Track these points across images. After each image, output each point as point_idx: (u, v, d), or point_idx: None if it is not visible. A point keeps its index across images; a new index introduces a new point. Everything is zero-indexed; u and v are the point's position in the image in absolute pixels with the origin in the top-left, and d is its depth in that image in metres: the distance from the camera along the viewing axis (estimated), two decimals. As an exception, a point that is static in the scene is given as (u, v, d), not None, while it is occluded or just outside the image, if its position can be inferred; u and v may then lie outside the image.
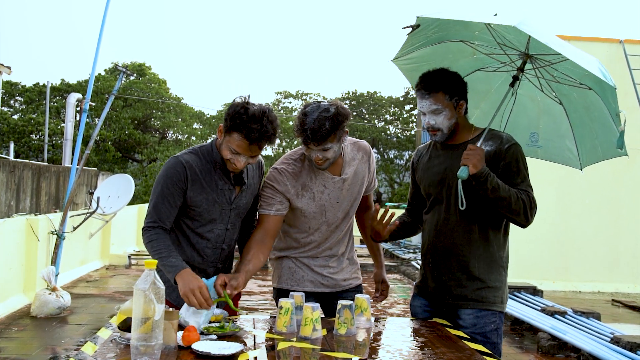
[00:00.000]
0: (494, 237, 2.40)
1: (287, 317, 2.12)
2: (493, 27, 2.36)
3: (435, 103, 2.35)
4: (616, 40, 8.91)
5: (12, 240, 6.21)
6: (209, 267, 2.46)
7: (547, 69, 2.47)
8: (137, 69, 25.72)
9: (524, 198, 2.28)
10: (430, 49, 2.60)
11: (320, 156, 2.38)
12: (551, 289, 8.68)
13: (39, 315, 5.90)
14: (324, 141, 2.32)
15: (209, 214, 2.38)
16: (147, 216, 2.34)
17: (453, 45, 2.58)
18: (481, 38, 2.49)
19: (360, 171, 2.62)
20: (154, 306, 1.72)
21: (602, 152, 2.56)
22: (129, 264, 9.70)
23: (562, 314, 5.97)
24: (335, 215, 2.58)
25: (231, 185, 2.39)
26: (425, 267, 2.53)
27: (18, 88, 26.25)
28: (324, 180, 2.52)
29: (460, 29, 2.46)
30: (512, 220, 2.35)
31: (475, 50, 2.58)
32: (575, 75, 2.41)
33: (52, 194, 12.77)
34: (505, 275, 2.45)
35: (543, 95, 2.61)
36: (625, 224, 8.93)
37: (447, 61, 2.62)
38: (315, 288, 2.62)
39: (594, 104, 2.44)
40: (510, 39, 2.40)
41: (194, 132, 26.38)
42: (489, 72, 2.67)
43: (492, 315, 2.39)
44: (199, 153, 2.38)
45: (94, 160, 22.59)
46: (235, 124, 2.20)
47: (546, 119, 2.67)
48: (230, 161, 2.28)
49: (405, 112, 29.65)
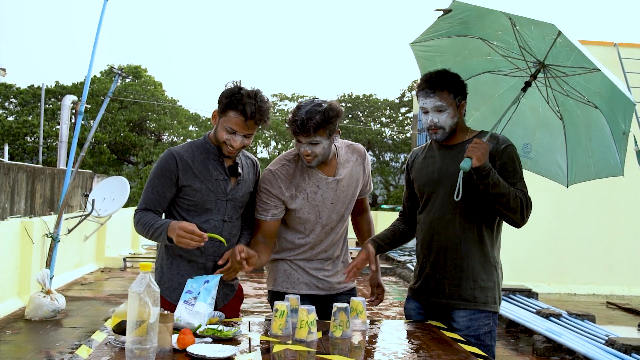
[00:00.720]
0: (487, 236, 2.42)
1: (283, 320, 2.12)
2: (518, 29, 2.33)
3: (440, 100, 2.37)
4: (610, 44, 8.96)
5: (6, 243, 6.18)
6: (208, 261, 2.46)
7: (558, 80, 2.47)
8: (132, 71, 25.67)
9: (521, 197, 2.31)
10: (449, 40, 2.58)
11: (309, 150, 2.39)
12: (546, 291, 8.71)
13: (33, 318, 5.87)
14: (314, 133, 2.35)
15: (204, 203, 2.40)
16: (138, 205, 2.43)
17: (471, 42, 2.56)
18: (502, 39, 2.47)
19: (355, 173, 2.63)
20: (149, 309, 1.71)
21: (594, 172, 2.58)
22: (124, 266, 9.68)
23: (557, 316, 5.99)
24: (329, 217, 2.58)
25: (226, 175, 2.43)
26: (420, 265, 2.54)
27: (13, 90, 26.15)
28: (317, 181, 2.53)
29: (486, 24, 2.43)
30: (508, 219, 2.36)
31: (492, 50, 2.56)
32: (584, 92, 2.42)
33: (47, 196, 12.73)
34: (498, 276, 2.46)
35: (546, 107, 2.61)
36: (621, 226, 8.96)
37: (460, 57, 2.62)
38: (310, 291, 2.62)
39: (596, 123, 2.46)
40: (532, 45, 2.39)
41: (189, 134, 26.34)
42: (498, 75, 2.66)
43: (486, 317, 2.40)
44: (192, 145, 2.45)
45: (89, 163, 22.53)
46: (231, 101, 2.29)
47: (543, 132, 2.68)
48: (227, 143, 2.34)
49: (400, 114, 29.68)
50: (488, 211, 2.38)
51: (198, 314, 2.16)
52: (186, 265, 2.44)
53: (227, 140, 2.33)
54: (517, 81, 2.60)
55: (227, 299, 2.55)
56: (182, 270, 2.44)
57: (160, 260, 2.50)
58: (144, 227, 2.35)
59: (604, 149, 2.47)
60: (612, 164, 2.48)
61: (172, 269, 2.45)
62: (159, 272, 2.49)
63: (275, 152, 26.74)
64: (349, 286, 2.73)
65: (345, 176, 2.59)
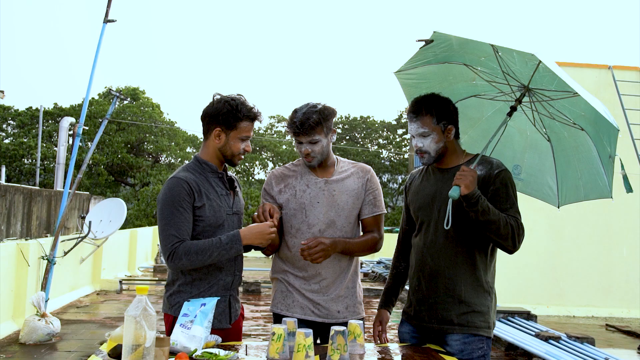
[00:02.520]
0: (480, 261, 2.41)
1: (280, 344, 2.11)
2: (501, 55, 2.37)
3: (423, 126, 2.40)
4: (605, 66, 9.05)
5: (2, 266, 6.14)
6: (228, 277, 2.48)
7: (543, 104, 2.50)
8: (130, 93, 25.83)
9: (512, 223, 2.29)
10: (433, 67, 2.61)
11: (309, 149, 2.54)
12: (545, 313, 8.66)
13: (27, 342, 5.80)
14: (312, 131, 2.50)
15: (216, 219, 2.45)
16: (167, 240, 2.32)
17: (455, 68, 2.60)
18: (485, 64, 2.51)
19: (352, 184, 2.64)
20: (145, 333, 1.70)
21: (584, 193, 2.59)
22: (120, 289, 9.61)
23: (557, 339, 5.95)
24: (316, 217, 2.58)
25: (226, 189, 2.52)
26: (412, 289, 2.52)
27: (11, 112, 26.26)
28: (307, 180, 2.64)
29: (469, 51, 2.47)
30: (499, 245, 2.36)
31: (476, 76, 2.60)
32: (570, 115, 2.45)
33: (44, 218, 12.69)
34: (491, 300, 2.44)
35: (533, 129, 2.63)
36: (619, 247, 8.95)
37: (446, 82, 2.65)
38: (305, 315, 2.58)
39: (583, 144, 2.48)
40: (515, 70, 2.42)
41: (187, 155, 26.40)
42: (484, 99, 2.69)
43: (479, 341, 2.38)
44: (188, 169, 2.48)
45: (86, 184, 22.52)
46: (241, 114, 2.42)
47: (531, 154, 2.70)
48: (240, 153, 2.48)
49: (398, 136, 29.85)
50: (480, 237, 2.37)
51: (194, 338, 2.14)
52: (204, 282, 2.42)
53: (242, 149, 2.47)
54: (503, 105, 2.63)
55: (237, 315, 2.55)
56: (200, 287, 2.42)
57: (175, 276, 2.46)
58: (202, 252, 2.31)
59: (593, 170, 2.49)
60: (600, 185, 2.50)
61: (192, 286, 2.42)
62: (174, 289, 2.45)
63: (272, 173, 26.72)
64: (349, 319, 2.58)
65: (338, 182, 2.62)
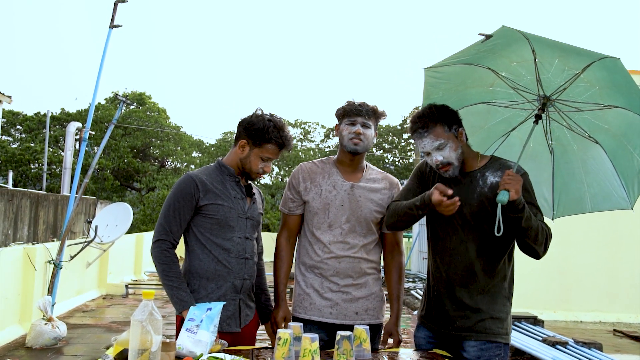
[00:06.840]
0: (500, 268, 2.38)
1: (285, 349, 2.10)
2: (539, 60, 2.23)
3: (437, 138, 2.31)
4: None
5: (9, 270, 6.16)
6: (236, 280, 2.50)
7: (562, 115, 2.42)
8: (137, 98, 25.91)
9: (546, 229, 2.26)
10: (459, 67, 2.47)
11: (361, 130, 2.57)
12: (552, 318, 8.61)
13: (34, 346, 5.82)
14: (369, 115, 2.58)
15: (227, 221, 2.47)
16: (158, 229, 2.44)
17: (478, 71, 2.47)
18: (513, 70, 2.39)
19: (378, 195, 2.64)
20: (151, 337, 1.70)
21: (591, 205, 2.56)
22: (126, 293, 9.62)
23: (564, 344, 5.91)
24: (338, 218, 2.59)
25: (243, 195, 2.55)
26: (430, 296, 2.50)
27: (19, 117, 26.39)
28: (334, 182, 2.64)
29: (504, 54, 2.33)
30: (532, 250, 2.28)
31: (496, 81, 2.48)
32: (589, 127, 2.41)
33: (50, 222, 12.74)
34: (510, 306, 2.42)
35: (536, 140, 2.57)
36: (626, 253, 8.90)
37: (462, 86, 2.56)
38: (322, 318, 2.58)
39: (594, 157, 2.46)
40: (544, 78, 2.31)
41: (192, 160, 26.46)
42: (493, 106, 2.60)
43: (497, 347, 2.35)
44: (207, 169, 2.56)
45: (92, 189, 22.59)
46: (269, 136, 2.46)
47: (530, 164, 2.64)
48: (257, 171, 2.51)
49: (403, 140, 29.79)
50: (502, 243, 2.34)
51: (200, 342, 2.14)
52: (213, 285, 2.45)
53: (261, 168, 2.51)
54: (512, 115, 2.57)
55: (248, 320, 2.57)
56: (208, 289, 2.45)
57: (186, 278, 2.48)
58: (165, 276, 2.38)
59: (605, 182, 2.46)
60: (616, 197, 2.47)
61: (200, 287, 2.45)
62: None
63: (278, 178, 26.75)
64: (367, 320, 2.58)
65: (365, 189, 2.62)
